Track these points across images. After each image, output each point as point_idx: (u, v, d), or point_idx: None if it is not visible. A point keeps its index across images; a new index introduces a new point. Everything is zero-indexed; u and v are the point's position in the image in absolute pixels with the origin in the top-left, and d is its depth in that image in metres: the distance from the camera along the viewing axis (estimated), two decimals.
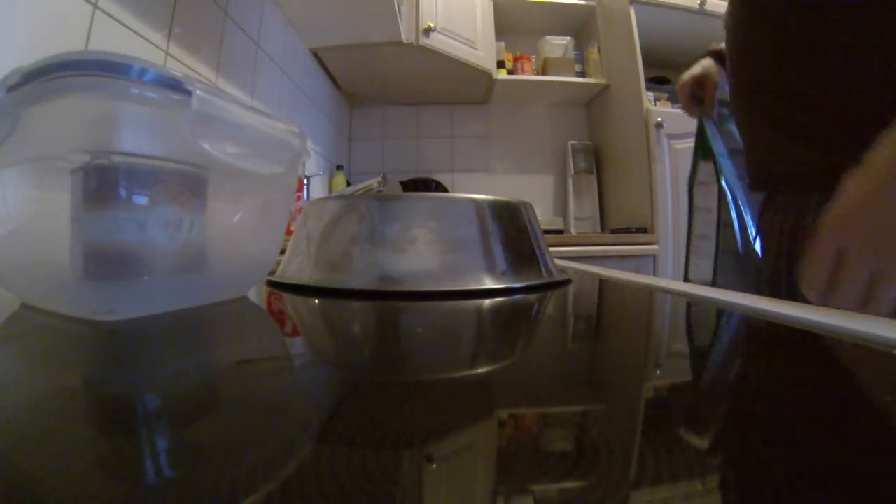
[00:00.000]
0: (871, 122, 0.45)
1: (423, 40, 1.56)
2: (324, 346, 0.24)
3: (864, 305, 0.36)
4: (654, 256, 1.53)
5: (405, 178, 1.95)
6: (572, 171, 2.00)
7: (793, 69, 0.50)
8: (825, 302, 0.38)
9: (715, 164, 0.71)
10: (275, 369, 0.19)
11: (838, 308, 0.34)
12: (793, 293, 0.51)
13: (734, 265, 0.68)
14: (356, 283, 0.35)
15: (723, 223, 0.69)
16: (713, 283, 0.68)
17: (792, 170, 0.52)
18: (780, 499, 0.08)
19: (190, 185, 0.27)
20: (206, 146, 0.26)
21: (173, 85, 0.24)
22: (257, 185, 0.33)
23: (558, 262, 0.50)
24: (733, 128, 0.73)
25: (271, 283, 0.40)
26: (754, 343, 0.23)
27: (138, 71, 0.23)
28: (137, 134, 0.24)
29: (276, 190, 0.36)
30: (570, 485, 0.09)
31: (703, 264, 0.71)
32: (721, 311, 0.29)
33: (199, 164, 0.27)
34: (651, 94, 1.72)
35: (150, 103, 0.24)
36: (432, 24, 1.58)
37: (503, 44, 1.97)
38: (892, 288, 0.36)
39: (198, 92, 0.25)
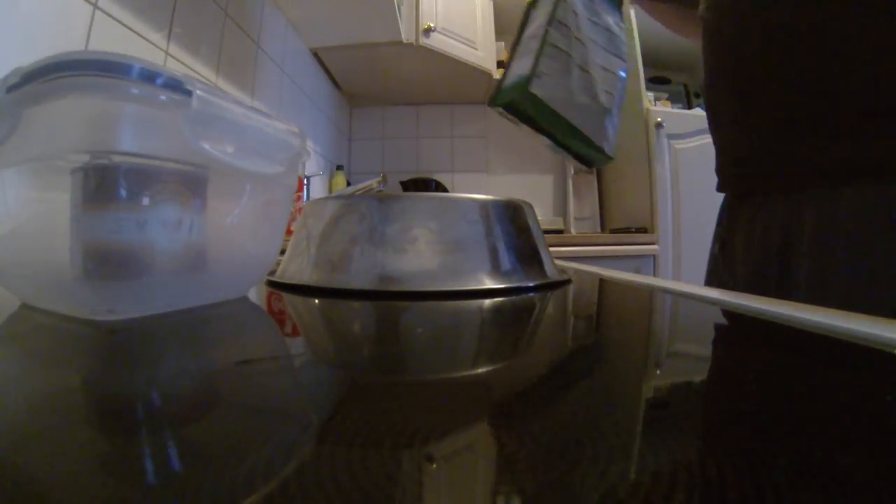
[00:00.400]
0: (873, 112, 0.44)
1: (423, 40, 1.56)
2: (324, 347, 0.24)
3: None
4: (654, 256, 1.53)
5: (405, 178, 1.96)
6: (572, 171, 2.00)
7: (792, 60, 0.49)
8: None
9: None
10: (275, 369, 0.19)
11: None
12: (784, 293, 0.50)
13: (562, 67, 0.59)
14: (356, 283, 0.35)
15: (556, 20, 0.61)
16: (529, 77, 0.58)
17: (790, 168, 0.51)
18: (780, 499, 0.08)
19: (190, 185, 0.27)
20: (206, 146, 0.26)
21: (173, 85, 0.24)
22: (257, 185, 0.33)
23: (558, 262, 0.50)
24: None
25: (271, 283, 0.40)
26: (753, 343, 0.23)
27: (138, 71, 0.23)
28: (137, 134, 0.24)
29: (276, 190, 0.36)
30: (569, 485, 0.09)
31: (523, 63, 0.61)
32: (719, 310, 0.29)
33: (199, 164, 0.27)
34: (651, 94, 1.72)
35: (150, 103, 0.24)
36: (432, 24, 1.58)
37: (503, 44, 1.97)
38: None
39: (198, 92, 0.25)
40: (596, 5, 0.71)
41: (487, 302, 0.33)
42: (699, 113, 1.63)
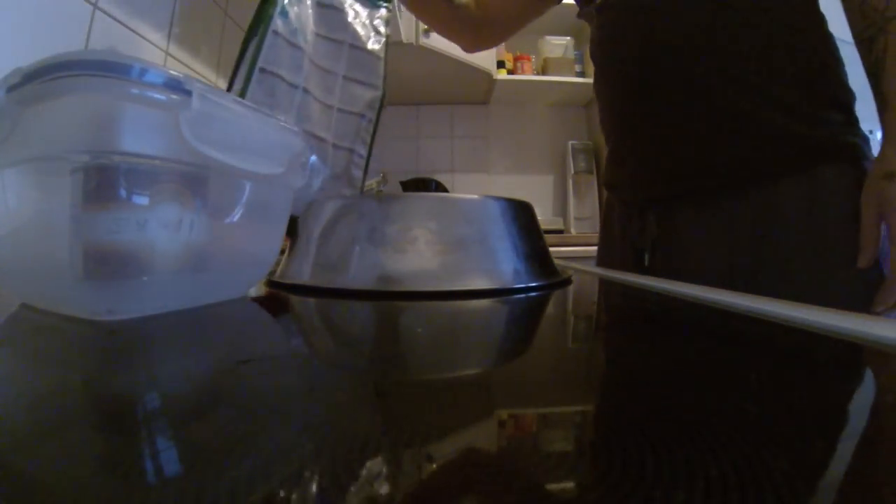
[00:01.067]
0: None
1: (423, 40, 1.56)
2: (324, 347, 0.24)
3: None
4: None
5: (405, 178, 1.95)
6: (572, 171, 2.00)
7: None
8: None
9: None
10: (275, 369, 0.18)
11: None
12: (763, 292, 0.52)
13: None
14: (356, 283, 0.35)
15: (258, 68, 0.50)
16: None
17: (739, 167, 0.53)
18: (780, 498, 0.08)
19: (190, 185, 0.27)
20: (206, 146, 0.26)
21: (173, 85, 0.24)
22: (257, 185, 0.33)
23: (558, 262, 0.50)
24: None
25: (271, 283, 0.40)
26: (753, 343, 0.23)
27: (138, 71, 0.23)
28: (137, 134, 0.24)
29: (276, 190, 0.36)
30: (569, 485, 0.09)
31: None
32: (720, 311, 0.29)
33: (199, 164, 0.27)
34: None
35: (150, 103, 0.24)
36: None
37: (503, 44, 1.97)
38: None
39: (197, 92, 0.25)
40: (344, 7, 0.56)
41: (487, 302, 0.33)
42: None
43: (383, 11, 0.64)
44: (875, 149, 0.49)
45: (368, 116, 0.58)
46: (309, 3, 0.53)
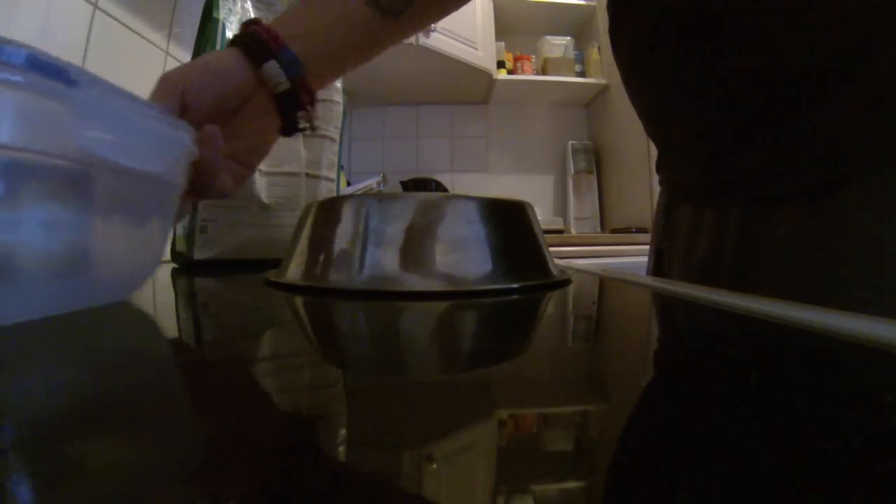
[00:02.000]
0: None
1: (424, 40, 1.56)
2: (324, 346, 0.24)
3: None
4: None
5: (405, 178, 1.95)
6: (572, 171, 2.00)
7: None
8: None
9: None
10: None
11: None
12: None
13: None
14: (356, 283, 0.35)
15: None
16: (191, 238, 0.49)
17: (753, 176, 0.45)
18: (780, 499, 0.08)
19: (71, 181, 0.24)
20: (91, 141, 0.24)
21: (54, 72, 0.21)
22: (144, 183, 0.30)
23: (558, 262, 0.50)
24: None
25: (270, 283, 0.40)
26: (753, 343, 0.23)
27: (20, 56, 0.20)
28: (13, 125, 0.21)
29: (163, 189, 0.32)
30: (570, 485, 0.09)
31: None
32: (721, 311, 0.29)
33: (82, 160, 0.24)
34: None
35: (27, 90, 0.20)
36: (432, 25, 1.58)
37: (503, 44, 1.97)
38: None
39: (84, 82, 0.22)
40: None
41: (487, 302, 0.33)
42: None
43: None
44: None
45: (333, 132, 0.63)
46: None
